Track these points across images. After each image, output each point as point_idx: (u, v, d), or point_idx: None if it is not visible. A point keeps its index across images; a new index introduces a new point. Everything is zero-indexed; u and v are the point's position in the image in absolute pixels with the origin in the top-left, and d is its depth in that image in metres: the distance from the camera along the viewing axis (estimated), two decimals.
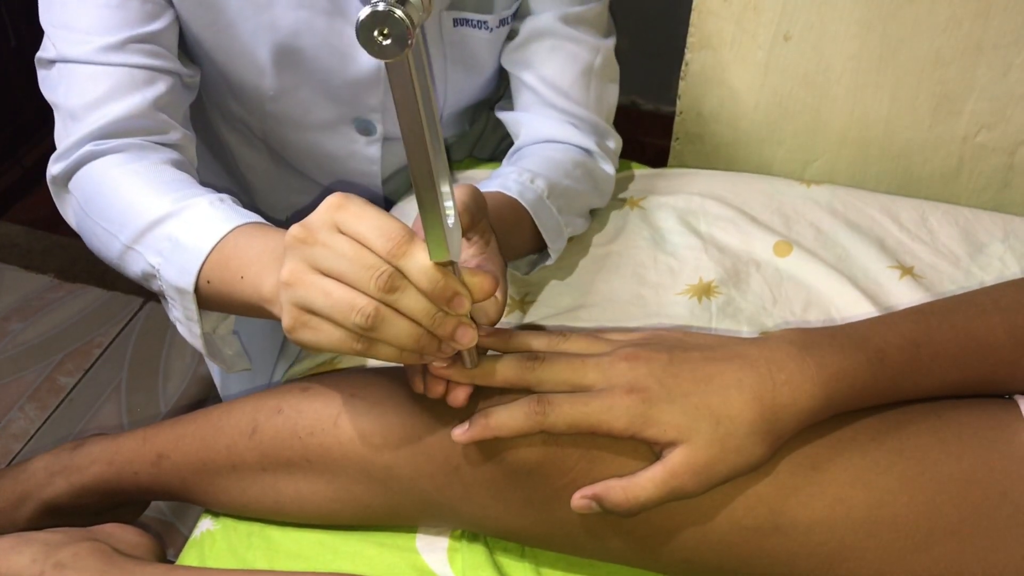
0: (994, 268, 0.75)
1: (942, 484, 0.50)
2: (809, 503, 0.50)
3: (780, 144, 0.93)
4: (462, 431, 0.51)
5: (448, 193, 0.45)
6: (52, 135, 0.68)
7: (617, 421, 0.49)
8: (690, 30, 0.88)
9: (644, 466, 0.49)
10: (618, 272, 0.76)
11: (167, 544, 1.23)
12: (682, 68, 0.91)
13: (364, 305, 0.44)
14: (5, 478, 0.68)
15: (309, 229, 0.45)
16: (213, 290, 0.57)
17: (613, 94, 0.81)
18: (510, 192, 0.67)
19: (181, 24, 0.71)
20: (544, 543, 0.58)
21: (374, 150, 0.84)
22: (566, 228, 0.72)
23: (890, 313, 0.56)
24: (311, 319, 0.46)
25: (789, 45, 0.84)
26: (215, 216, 0.59)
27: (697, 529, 0.52)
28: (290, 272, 0.46)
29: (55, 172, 0.66)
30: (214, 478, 0.61)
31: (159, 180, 0.63)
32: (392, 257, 0.44)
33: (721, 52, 0.88)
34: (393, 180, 0.90)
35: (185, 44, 0.74)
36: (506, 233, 0.62)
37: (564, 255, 0.75)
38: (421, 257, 0.44)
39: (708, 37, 0.87)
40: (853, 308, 0.70)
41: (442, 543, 0.60)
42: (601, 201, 0.80)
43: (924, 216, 0.80)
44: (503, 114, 0.81)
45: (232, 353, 0.66)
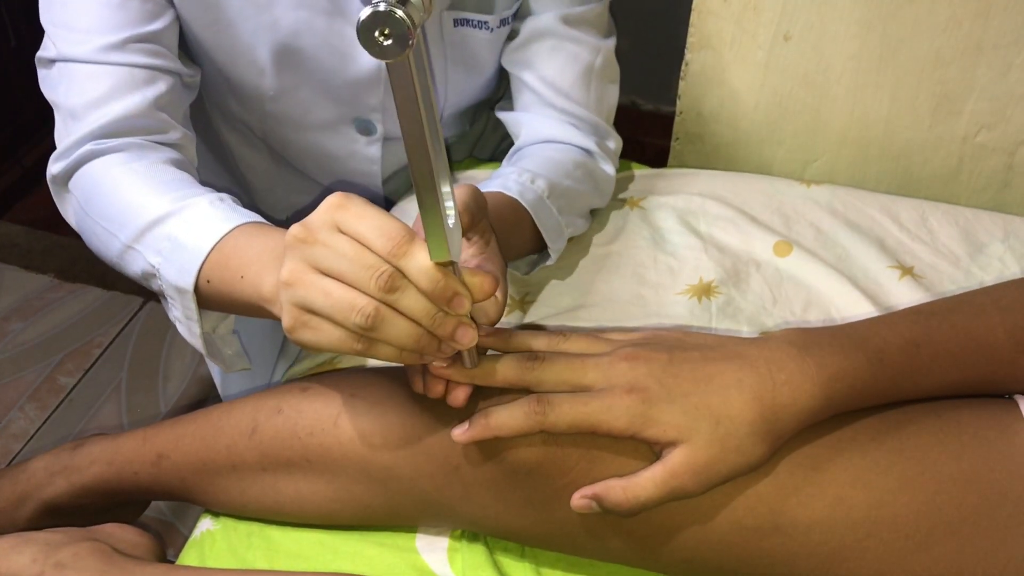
0: (994, 268, 0.75)
1: (942, 484, 0.50)
2: (809, 503, 0.50)
3: (780, 144, 0.93)
4: (462, 431, 0.51)
5: (449, 193, 0.45)
6: (52, 135, 0.68)
7: (617, 421, 0.49)
8: (690, 30, 0.88)
9: (644, 466, 0.49)
10: (618, 272, 0.76)
11: (167, 544, 1.23)
12: (682, 68, 0.91)
13: (364, 305, 0.44)
14: (5, 478, 0.68)
15: (309, 229, 0.45)
16: (213, 290, 0.57)
17: (613, 94, 0.81)
18: (510, 192, 0.67)
19: (181, 24, 0.71)
20: (544, 543, 0.58)
21: (374, 150, 0.84)
22: (566, 228, 0.72)
23: (890, 313, 0.56)
24: (311, 319, 0.46)
25: (789, 45, 0.84)
26: (215, 216, 0.59)
27: (697, 529, 0.52)
28: (290, 272, 0.46)
29: (55, 171, 0.66)
30: (214, 478, 0.61)
31: (159, 179, 0.63)
32: (392, 257, 0.44)
33: (721, 52, 0.88)
34: (393, 180, 0.90)
35: (185, 44, 0.74)
36: (506, 233, 0.62)
37: (564, 255, 0.75)
38: (421, 257, 0.44)
39: (708, 37, 0.87)
40: (853, 308, 0.70)
41: (442, 543, 0.60)
42: (601, 201, 0.80)
43: (924, 216, 0.80)
44: (503, 114, 0.81)
45: (232, 353, 0.66)
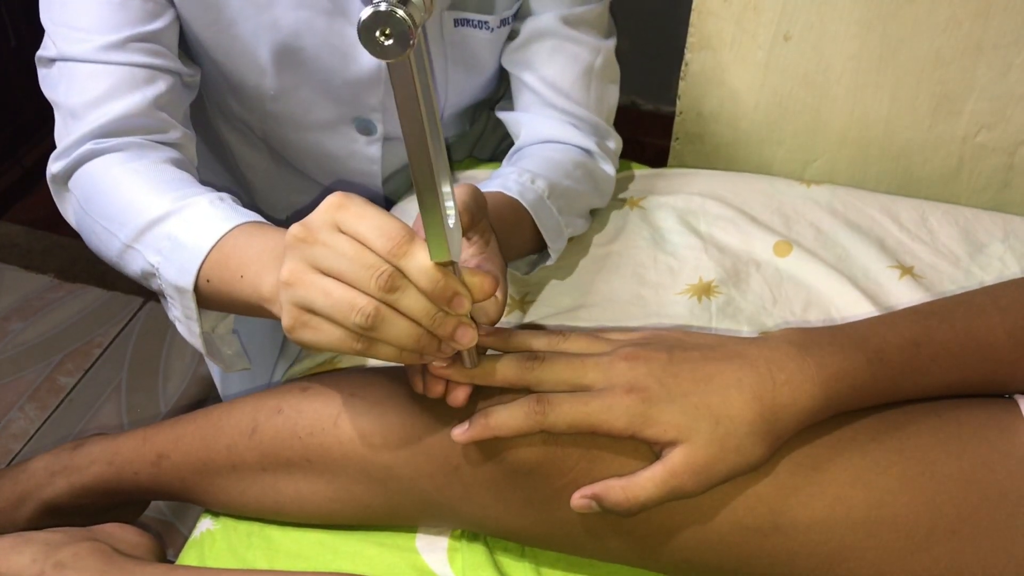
0: (994, 268, 0.75)
1: (942, 484, 0.50)
2: (809, 503, 0.50)
3: (780, 144, 0.92)
4: (462, 431, 0.51)
5: (449, 193, 0.45)
6: (52, 135, 0.68)
7: (617, 421, 0.49)
8: (690, 30, 0.88)
9: (644, 466, 0.49)
10: (618, 272, 0.76)
11: (167, 544, 1.23)
12: (682, 68, 0.91)
13: (364, 305, 0.44)
14: (5, 478, 0.68)
15: (309, 228, 0.45)
16: (212, 289, 0.57)
17: (613, 95, 0.81)
18: (510, 192, 0.67)
19: (182, 23, 0.71)
20: (544, 543, 0.58)
21: (374, 150, 0.84)
22: (566, 228, 0.72)
23: (890, 313, 0.56)
24: (311, 319, 0.46)
25: (789, 45, 0.84)
26: (215, 215, 0.59)
27: (697, 529, 0.52)
28: (290, 271, 0.46)
29: (55, 170, 0.66)
30: (214, 478, 0.61)
31: (159, 179, 0.63)
32: (392, 257, 0.44)
33: (721, 52, 0.88)
34: (393, 180, 0.90)
35: (186, 43, 0.74)
36: (506, 233, 0.62)
37: (564, 255, 0.75)
38: (421, 257, 0.44)
39: (708, 37, 0.87)
40: (853, 308, 0.70)
41: (442, 543, 0.60)
42: (601, 201, 0.80)
43: (924, 216, 0.80)
44: (503, 114, 0.81)
45: (231, 352, 0.66)
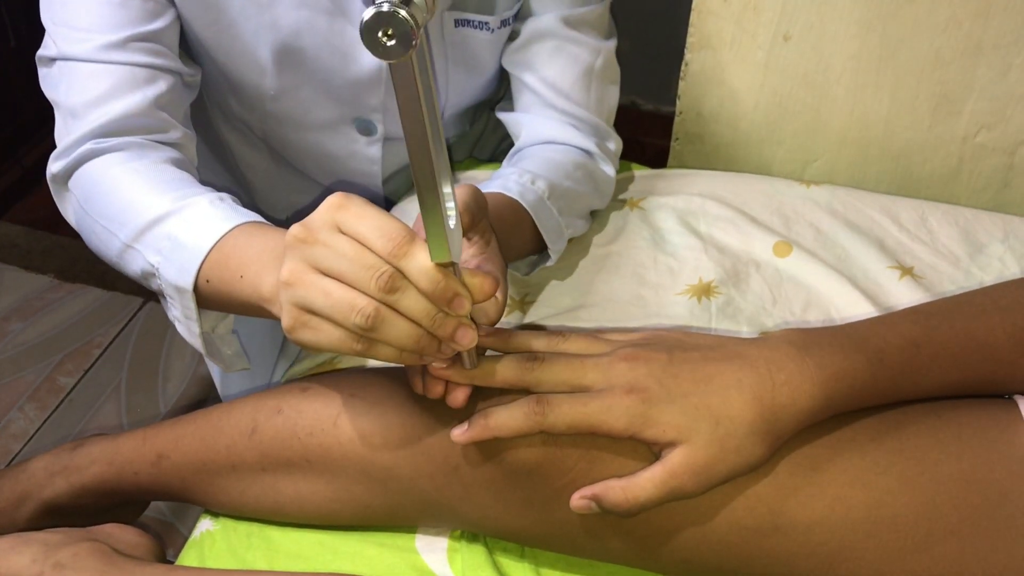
0: (994, 268, 0.75)
1: (942, 484, 0.50)
2: (809, 503, 0.50)
3: (780, 144, 0.92)
4: (461, 431, 0.51)
5: (450, 194, 0.45)
6: (52, 135, 0.68)
7: (617, 421, 0.49)
8: (690, 30, 0.88)
9: (644, 466, 0.49)
10: (618, 272, 0.76)
11: (167, 544, 1.23)
12: (682, 68, 0.91)
13: (364, 305, 0.44)
14: (5, 478, 0.68)
15: (310, 229, 0.45)
16: (212, 289, 0.57)
17: (614, 96, 0.81)
18: (511, 193, 0.67)
19: (182, 23, 0.71)
20: (544, 543, 0.58)
21: (375, 150, 0.84)
22: (566, 229, 0.72)
23: (890, 313, 0.56)
24: (311, 319, 0.46)
25: (789, 45, 0.84)
26: (215, 215, 0.59)
27: (697, 529, 0.52)
28: (290, 272, 0.46)
29: (55, 170, 0.66)
30: (214, 478, 0.61)
31: (159, 179, 0.63)
32: (393, 257, 0.44)
33: (721, 52, 0.88)
34: (393, 180, 0.90)
35: (186, 43, 0.74)
36: (506, 234, 0.62)
37: (564, 255, 0.75)
38: (422, 258, 0.44)
39: (708, 37, 0.87)
40: (853, 308, 0.70)
41: (442, 543, 0.60)
42: (601, 202, 0.80)
43: (924, 216, 0.80)
44: (504, 115, 0.81)
45: (231, 352, 0.66)
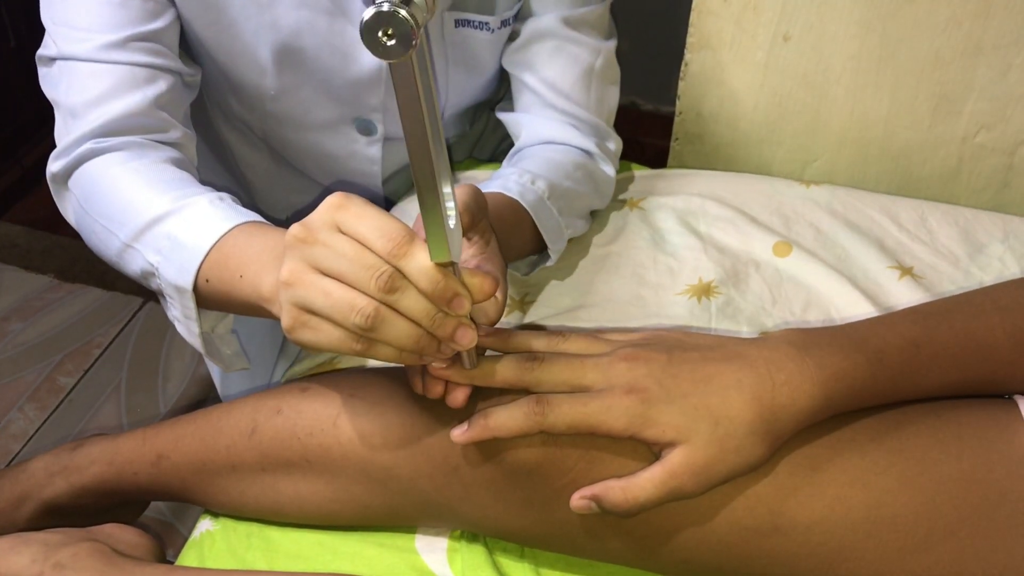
0: (994, 268, 0.75)
1: (941, 484, 0.50)
2: (808, 503, 0.50)
3: (780, 144, 0.93)
4: (461, 431, 0.51)
5: (450, 194, 0.45)
6: (52, 135, 0.68)
7: (616, 421, 0.49)
8: (689, 30, 0.88)
9: (643, 466, 0.49)
10: (618, 272, 0.76)
11: (166, 544, 1.23)
12: (682, 68, 0.91)
13: (364, 305, 0.44)
14: (5, 478, 0.68)
15: (309, 228, 0.45)
16: (212, 289, 0.57)
17: (614, 96, 0.81)
18: (511, 193, 0.67)
19: (182, 23, 0.71)
20: (543, 543, 0.58)
21: (375, 150, 0.84)
22: (566, 229, 0.72)
23: (889, 313, 0.56)
24: (311, 319, 0.46)
25: (788, 45, 0.84)
26: (215, 215, 0.59)
27: (696, 530, 0.52)
28: (290, 272, 0.46)
29: (55, 170, 0.66)
30: (213, 478, 0.61)
31: (159, 178, 0.63)
32: (392, 257, 0.44)
33: (720, 52, 0.88)
34: (393, 180, 0.90)
35: (186, 43, 0.74)
36: (506, 234, 0.62)
37: (564, 256, 0.75)
38: (422, 258, 0.44)
39: (708, 37, 0.87)
40: (853, 308, 0.70)
41: (441, 543, 0.60)
42: (601, 203, 0.80)
43: (924, 216, 0.80)
44: (504, 115, 0.81)
45: (231, 352, 0.66)
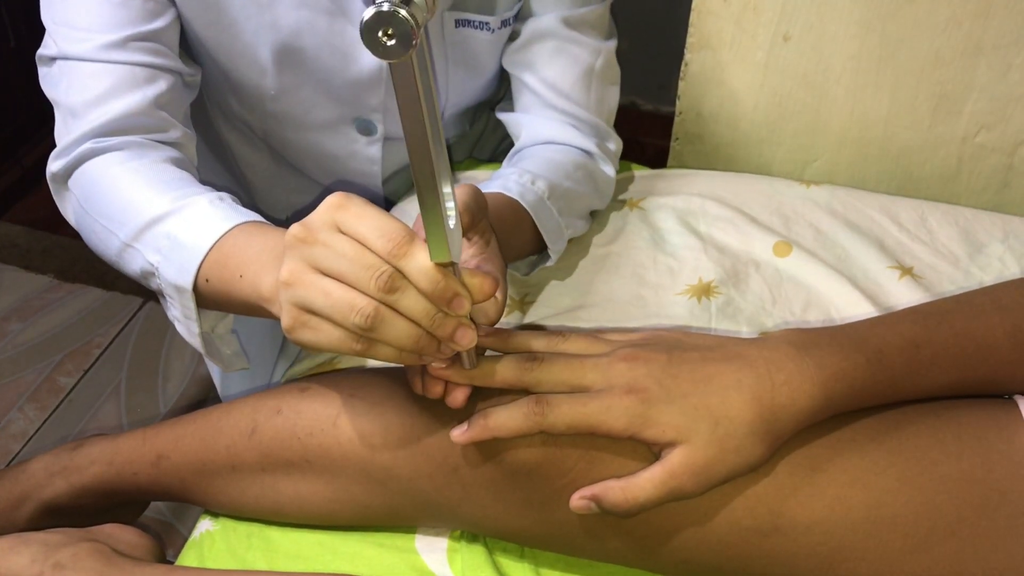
0: (993, 268, 0.75)
1: (941, 484, 0.50)
2: (808, 503, 0.50)
3: (780, 144, 0.93)
4: (461, 432, 0.51)
5: (450, 194, 0.45)
6: (52, 135, 0.68)
7: (616, 421, 0.49)
8: (689, 31, 0.88)
9: (643, 466, 0.49)
10: (618, 272, 0.76)
11: (166, 545, 1.23)
12: (681, 69, 0.91)
13: (364, 305, 0.44)
14: (5, 478, 0.68)
15: (309, 228, 0.45)
16: (212, 289, 0.57)
17: (614, 96, 0.81)
18: (511, 193, 0.67)
19: (183, 23, 0.71)
20: (543, 543, 0.58)
21: (375, 150, 0.84)
22: (566, 229, 0.72)
23: (889, 313, 0.56)
24: (310, 319, 0.46)
25: (788, 45, 0.84)
26: (214, 215, 0.59)
27: (696, 530, 0.52)
28: (290, 272, 0.46)
29: (55, 169, 0.66)
30: (213, 478, 0.61)
31: (159, 178, 0.63)
32: (392, 257, 0.44)
33: (720, 52, 0.88)
34: (393, 180, 0.90)
35: (186, 43, 0.74)
36: (506, 234, 0.62)
37: (564, 256, 0.75)
38: (421, 258, 0.44)
39: (707, 38, 0.87)
40: (853, 308, 0.70)
41: (441, 543, 0.60)
42: (601, 203, 0.80)
43: (923, 216, 0.80)
44: (504, 115, 0.81)
45: (230, 352, 0.66)
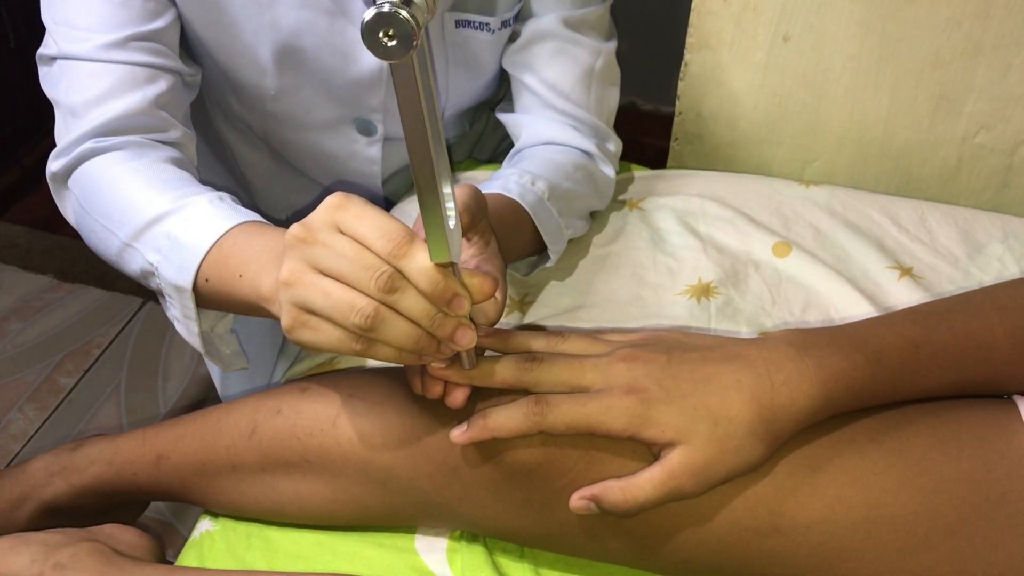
0: (993, 268, 0.75)
1: (941, 484, 0.50)
2: (808, 504, 0.50)
3: (779, 145, 0.93)
4: (460, 432, 0.51)
5: (450, 194, 0.45)
6: (52, 135, 0.68)
7: (616, 422, 0.49)
8: (689, 31, 0.88)
9: (643, 467, 0.49)
10: (617, 273, 0.76)
11: (166, 545, 1.23)
12: (681, 69, 0.91)
13: (364, 305, 0.44)
14: (5, 479, 0.68)
15: (309, 228, 0.45)
16: (211, 288, 0.57)
17: (614, 97, 0.81)
18: (510, 194, 0.67)
19: (183, 22, 0.71)
20: (543, 544, 0.58)
21: (375, 150, 0.84)
22: (566, 230, 0.72)
23: (889, 313, 0.56)
24: (310, 319, 0.46)
25: (788, 46, 0.85)
26: (214, 214, 0.59)
27: (696, 530, 0.52)
28: (290, 272, 0.46)
29: (55, 169, 0.66)
30: (213, 479, 0.61)
31: (159, 178, 0.63)
32: (392, 258, 0.44)
33: (720, 53, 0.88)
34: (393, 180, 0.90)
35: (187, 43, 0.74)
36: (506, 234, 0.62)
37: (564, 256, 0.75)
38: (421, 258, 0.44)
39: (707, 38, 0.87)
40: (852, 309, 0.70)
41: (441, 544, 0.60)
42: (601, 203, 0.80)
43: (923, 216, 0.80)
44: (504, 116, 0.81)
45: (230, 352, 0.66)
